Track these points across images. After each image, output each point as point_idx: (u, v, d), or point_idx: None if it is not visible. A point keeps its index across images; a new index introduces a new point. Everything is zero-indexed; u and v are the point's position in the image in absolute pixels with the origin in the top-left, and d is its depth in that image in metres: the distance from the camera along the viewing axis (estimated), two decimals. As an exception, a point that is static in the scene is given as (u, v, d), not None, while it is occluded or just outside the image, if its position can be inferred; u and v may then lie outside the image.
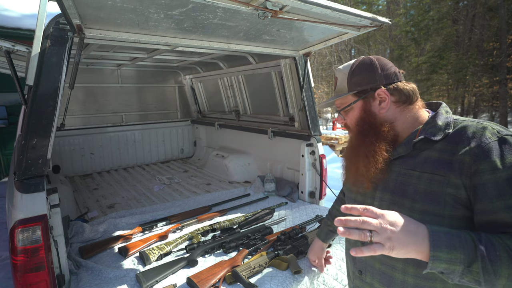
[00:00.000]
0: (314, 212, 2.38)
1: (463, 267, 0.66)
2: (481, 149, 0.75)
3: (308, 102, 2.55)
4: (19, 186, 1.32)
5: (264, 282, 1.48)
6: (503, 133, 0.76)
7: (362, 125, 0.95)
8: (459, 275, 0.67)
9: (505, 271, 0.65)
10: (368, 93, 0.94)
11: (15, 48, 1.67)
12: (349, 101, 0.98)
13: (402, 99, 0.91)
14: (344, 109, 1.00)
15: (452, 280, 0.68)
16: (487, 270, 0.65)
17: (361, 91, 0.95)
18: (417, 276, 0.83)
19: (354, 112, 0.98)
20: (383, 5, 23.82)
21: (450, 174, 0.77)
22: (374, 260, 0.94)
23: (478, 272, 0.65)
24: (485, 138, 0.75)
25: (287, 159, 3.01)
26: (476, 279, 0.66)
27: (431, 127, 0.86)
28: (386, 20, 1.57)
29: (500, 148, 0.74)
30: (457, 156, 0.78)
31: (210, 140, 4.59)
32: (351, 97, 0.98)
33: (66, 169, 3.83)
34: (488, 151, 0.74)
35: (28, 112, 1.35)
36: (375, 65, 0.93)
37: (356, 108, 0.97)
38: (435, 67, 15.20)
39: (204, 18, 1.48)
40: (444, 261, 0.65)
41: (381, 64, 0.93)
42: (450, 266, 0.66)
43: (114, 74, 4.19)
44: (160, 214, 2.37)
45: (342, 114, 1.03)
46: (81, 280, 1.53)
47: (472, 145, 0.76)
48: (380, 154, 0.89)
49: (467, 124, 0.82)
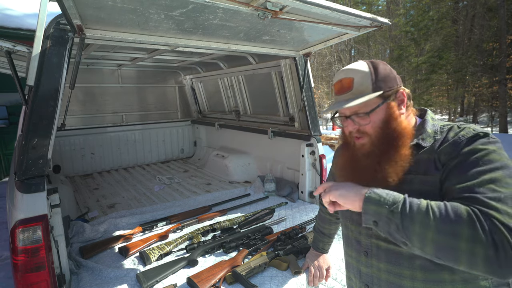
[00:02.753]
0: (314, 212, 2.39)
1: (387, 210, 0.75)
2: (454, 147, 0.81)
3: (308, 102, 2.56)
4: (20, 186, 1.32)
5: (264, 282, 1.48)
6: (479, 130, 0.81)
7: (389, 128, 0.87)
8: (386, 221, 0.75)
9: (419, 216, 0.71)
10: (392, 94, 0.89)
11: (15, 48, 1.67)
12: (373, 103, 0.87)
13: (408, 103, 0.93)
14: (371, 112, 0.87)
15: (382, 231, 0.77)
16: (404, 213, 0.73)
17: (387, 91, 0.88)
18: (426, 281, 0.83)
19: (378, 115, 0.88)
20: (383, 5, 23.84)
21: (437, 173, 0.82)
22: (380, 271, 0.92)
23: (397, 213, 0.73)
24: (458, 137, 0.82)
25: (287, 159, 3.01)
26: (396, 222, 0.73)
27: (421, 134, 0.89)
28: (386, 20, 1.58)
29: (473, 140, 0.79)
30: (441, 156, 0.83)
31: (210, 140, 4.59)
32: (376, 99, 0.87)
33: (66, 169, 3.83)
34: (461, 142, 0.80)
35: (29, 112, 1.35)
36: (389, 67, 0.92)
37: (380, 111, 0.88)
38: (435, 67, 15.22)
39: (205, 18, 1.48)
40: (374, 203, 0.77)
41: (389, 66, 0.94)
42: (377, 208, 0.76)
43: (115, 74, 4.19)
44: (160, 214, 2.37)
45: (355, 119, 0.90)
46: (81, 280, 1.54)
47: (448, 144, 0.82)
48: (407, 160, 0.85)
49: (450, 127, 0.87)
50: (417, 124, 0.94)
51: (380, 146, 0.88)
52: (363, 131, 0.90)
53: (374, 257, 0.94)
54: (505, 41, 13.17)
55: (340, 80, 0.92)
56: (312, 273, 1.46)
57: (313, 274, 1.45)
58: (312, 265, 1.48)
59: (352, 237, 1.03)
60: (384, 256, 0.91)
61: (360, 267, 1.00)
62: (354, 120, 0.91)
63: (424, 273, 0.83)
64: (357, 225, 1.00)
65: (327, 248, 1.50)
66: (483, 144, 0.77)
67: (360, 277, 1.00)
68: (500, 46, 13.49)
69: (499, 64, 13.27)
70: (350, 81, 0.90)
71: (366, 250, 0.96)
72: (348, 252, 1.07)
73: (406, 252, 0.85)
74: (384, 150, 0.87)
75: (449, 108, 19.44)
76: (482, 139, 0.79)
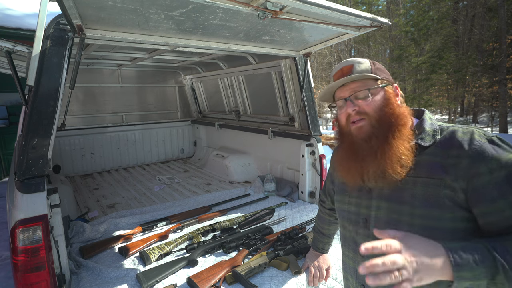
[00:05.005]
0: (314, 212, 2.39)
1: (487, 280, 0.66)
2: (475, 151, 0.76)
3: (308, 102, 2.56)
4: (20, 186, 1.32)
5: (264, 282, 1.48)
6: (489, 135, 0.79)
7: (389, 108, 0.87)
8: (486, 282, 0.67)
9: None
10: (390, 84, 0.92)
11: (15, 48, 1.67)
12: (372, 84, 0.90)
13: (401, 100, 0.94)
14: (371, 89, 0.88)
15: None
16: (509, 278, 0.65)
17: (385, 79, 0.92)
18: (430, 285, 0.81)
19: (377, 96, 0.89)
20: (383, 5, 23.85)
21: (446, 177, 0.78)
22: None
23: (503, 283, 0.66)
24: (476, 141, 0.77)
25: (287, 159, 3.01)
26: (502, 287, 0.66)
27: (420, 133, 0.87)
28: (386, 20, 1.58)
29: (493, 148, 0.75)
30: (450, 159, 0.79)
31: (210, 140, 4.59)
32: (374, 82, 0.90)
33: (66, 169, 3.83)
34: (482, 152, 0.75)
35: (29, 112, 1.35)
36: (383, 66, 0.97)
37: (379, 92, 0.89)
38: (435, 67, 15.23)
39: (205, 18, 1.48)
40: (469, 279, 0.65)
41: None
42: (474, 282, 0.66)
43: (115, 74, 4.20)
44: (161, 214, 2.37)
45: (353, 100, 0.90)
46: (81, 280, 1.54)
47: (465, 148, 0.77)
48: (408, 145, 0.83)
49: (454, 129, 0.83)
50: (415, 124, 0.92)
51: (379, 128, 0.86)
52: (362, 111, 0.89)
53: (371, 258, 0.93)
54: (505, 41, 13.18)
55: (340, 69, 0.95)
56: (312, 273, 1.46)
57: (313, 274, 1.45)
58: (312, 265, 1.48)
59: (349, 237, 1.02)
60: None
61: (356, 267, 0.99)
62: (353, 101, 0.90)
63: None
64: (354, 225, 0.99)
65: (327, 248, 1.50)
66: (505, 151, 0.75)
67: (357, 277, 0.99)
68: (500, 46, 13.50)
69: (499, 64, 13.28)
70: (350, 67, 0.93)
71: None
72: (345, 252, 1.07)
73: None
74: (384, 133, 0.84)
75: (449, 108, 19.45)
76: (500, 142, 0.77)
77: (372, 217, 0.92)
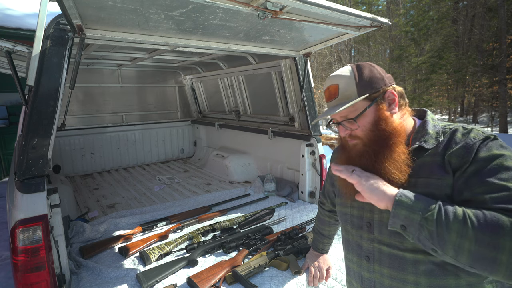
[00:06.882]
0: (314, 212, 2.39)
1: (421, 216, 0.72)
2: (466, 150, 0.78)
3: (308, 102, 2.56)
4: (20, 186, 1.32)
5: (264, 282, 1.48)
6: (486, 133, 0.80)
7: (379, 129, 0.87)
8: (417, 228, 0.72)
9: (456, 225, 0.68)
10: (380, 96, 0.88)
11: (15, 48, 1.67)
12: (361, 106, 0.88)
13: (401, 102, 0.92)
14: (358, 117, 0.88)
15: (411, 237, 0.74)
16: (440, 221, 0.70)
17: (373, 93, 0.88)
18: (431, 286, 0.81)
19: (367, 117, 0.88)
20: (383, 5, 23.84)
21: (445, 177, 0.79)
22: (383, 277, 0.90)
23: (432, 221, 0.70)
24: (469, 140, 0.79)
25: (287, 159, 3.01)
26: (430, 229, 0.70)
27: (423, 136, 0.87)
28: (386, 20, 1.58)
29: (483, 145, 0.77)
30: (448, 158, 0.80)
31: (210, 140, 4.59)
32: (362, 102, 0.88)
33: (66, 169, 3.83)
34: (471, 149, 0.78)
35: (29, 112, 1.35)
36: (375, 68, 0.92)
37: (369, 113, 0.88)
38: (435, 67, 15.22)
39: (205, 18, 1.48)
40: (406, 208, 0.74)
41: (378, 67, 0.92)
42: (409, 214, 0.73)
43: (115, 74, 4.19)
44: (160, 214, 2.37)
45: (345, 125, 0.91)
46: (81, 280, 1.54)
47: (459, 146, 0.80)
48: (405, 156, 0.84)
49: (456, 129, 0.84)
50: (417, 125, 0.92)
51: (372, 147, 0.87)
52: (354, 135, 0.91)
53: (376, 262, 0.92)
54: (505, 41, 13.17)
55: (328, 88, 0.94)
56: (312, 273, 1.46)
57: (313, 274, 1.45)
58: (312, 265, 1.48)
59: (353, 241, 1.01)
60: (387, 261, 0.89)
61: (361, 272, 0.98)
62: (344, 126, 0.92)
63: (429, 279, 0.81)
64: (357, 229, 0.98)
65: (327, 249, 1.50)
66: (498, 149, 0.76)
67: (362, 283, 0.98)
68: (500, 46, 13.49)
69: (499, 64, 13.27)
70: (336, 88, 0.91)
71: (368, 255, 0.94)
72: (349, 256, 1.05)
73: (410, 257, 0.83)
74: (377, 150, 0.86)
75: (449, 108, 19.44)
76: (494, 141, 0.77)
77: (376, 221, 0.92)
